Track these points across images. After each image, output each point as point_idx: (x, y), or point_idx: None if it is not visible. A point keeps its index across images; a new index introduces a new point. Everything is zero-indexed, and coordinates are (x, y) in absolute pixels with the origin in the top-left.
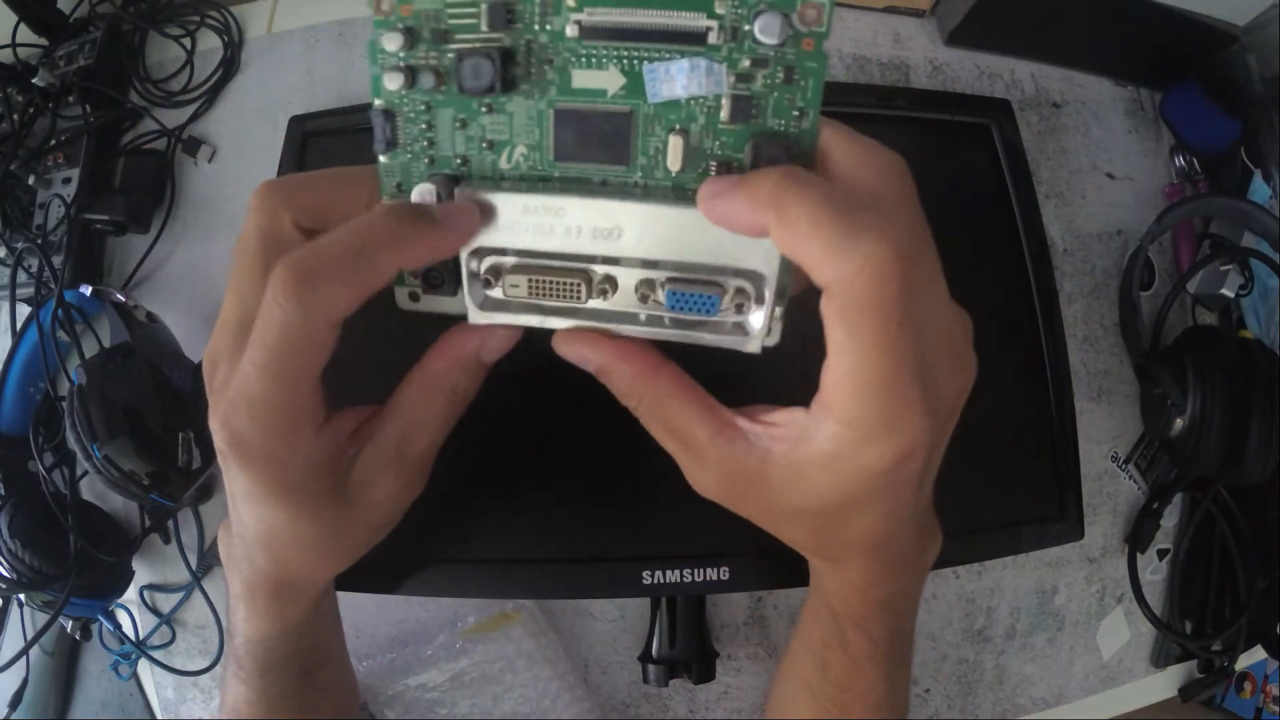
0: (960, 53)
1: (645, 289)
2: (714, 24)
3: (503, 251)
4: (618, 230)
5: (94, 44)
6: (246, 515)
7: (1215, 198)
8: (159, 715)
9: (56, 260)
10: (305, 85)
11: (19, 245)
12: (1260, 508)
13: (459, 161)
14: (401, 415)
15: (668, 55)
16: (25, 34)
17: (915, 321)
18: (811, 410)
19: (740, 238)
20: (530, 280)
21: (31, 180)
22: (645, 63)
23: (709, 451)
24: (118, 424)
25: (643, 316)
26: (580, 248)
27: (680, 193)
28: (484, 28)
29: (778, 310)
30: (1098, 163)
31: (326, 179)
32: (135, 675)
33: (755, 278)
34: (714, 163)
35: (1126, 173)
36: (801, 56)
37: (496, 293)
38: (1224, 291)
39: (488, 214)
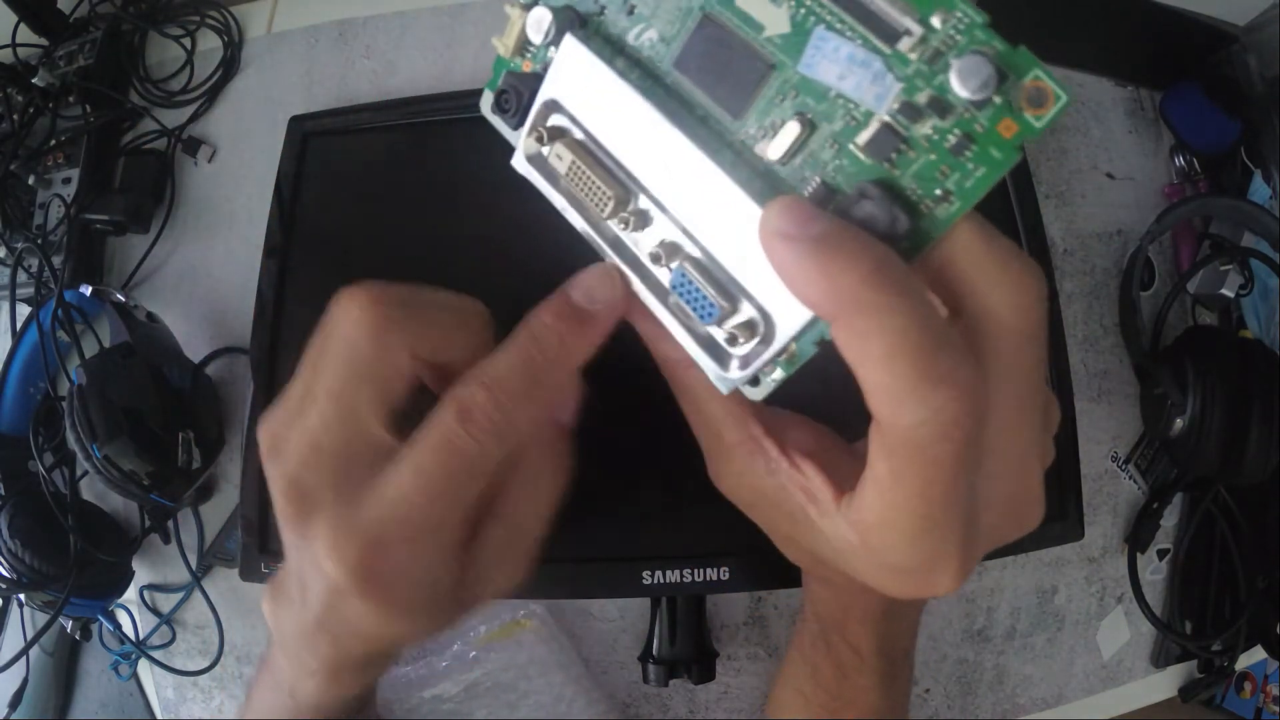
0: None
1: (662, 249)
2: (918, 30)
3: (572, 118)
4: (678, 178)
5: (94, 44)
6: (352, 624)
7: (1215, 198)
8: (159, 715)
9: (56, 260)
10: (305, 85)
11: (19, 245)
12: (1260, 508)
13: (598, 9)
14: (518, 500)
15: (849, 33)
16: (25, 34)
17: (970, 481)
18: (841, 504)
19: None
20: (573, 162)
21: (31, 180)
22: (820, 25)
23: (733, 456)
24: (118, 424)
25: (645, 272)
26: (635, 167)
27: (770, 182)
28: None
29: (777, 373)
30: (1098, 163)
31: (449, 319)
32: (135, 675)
33: (769, 323)
34: (818, 178)
35: (1126, 173)
36: (989, 137)
37: (545, 150)
38: (1224, 291)
39: (580, 76)
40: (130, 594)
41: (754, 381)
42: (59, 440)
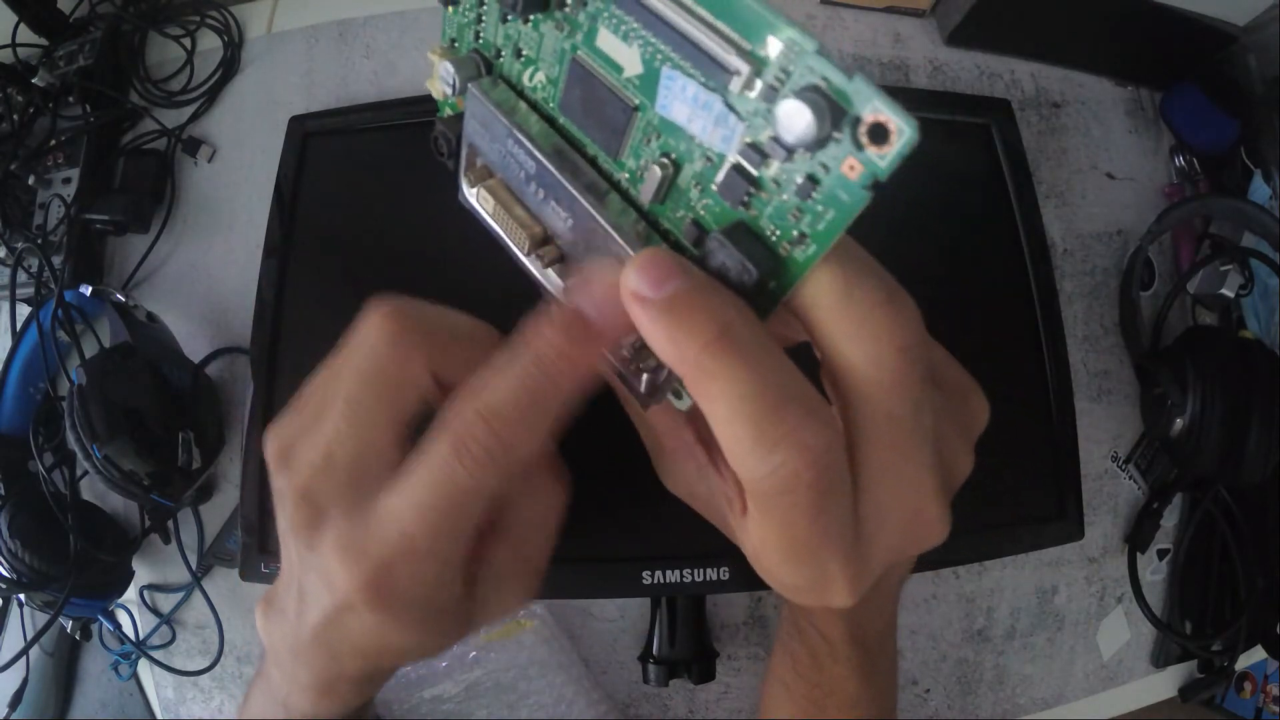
0: (960, 53)
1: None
2: (744, 67)
3: (487, 162)
4: (566, 215)
5: (94, 44)
6: (353, 636)
7: (1215, 198)
8: (159, 715)
9: (56, 260)
10: (305, 85)
11: (19, 245)
12: (1260, 508)
13: (496, 52)
14: (522, 523)
15: (693, 73)
16: (25, 34)
17: (838, 514)
18: (745, 518)
19: None
20: (495, 205)
21: (31, 180)
22: (666, 66)
23: (670, 460)
24: (118, 424)
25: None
26: (531, 204)
27: (652, 221)
28: None
29: (671, 398)
30: (1098, 163)
31: (467, 341)
32: (135, 675)
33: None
34: (690, 218)
35: (1126, 173)
36: (834, 179)
37: (474, 191)
38: (1224, 291)
39: (488, 120)
40: (130, 594)
41: (676, 394)
42: (59, 440)
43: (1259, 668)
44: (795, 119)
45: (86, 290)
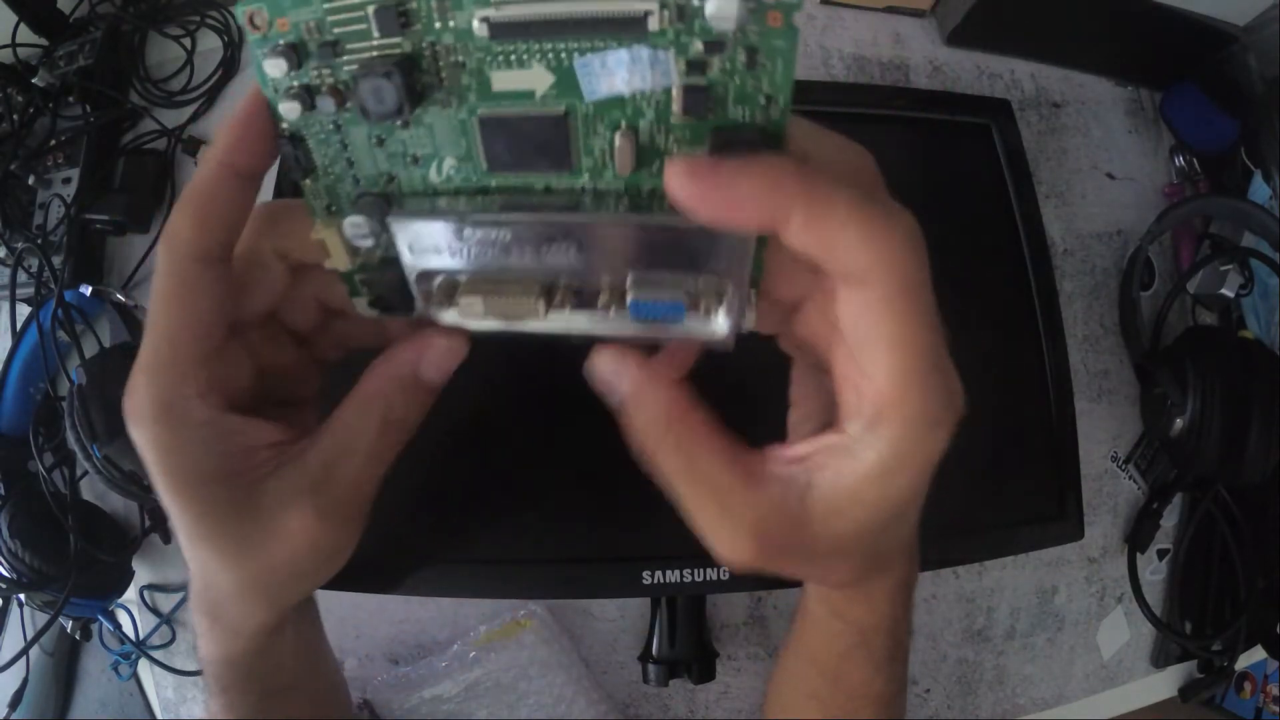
0: (960, 53)
1: (608, 295)
2: (653, 5)
3: (451, 272)
4: (567, 247)
5: (94, 44)
6: (169, 511)
7: (1215, 198)
8: (159, 715)
9: (56, 260)
10: None
11: (19, 245)
12: (1260, 508)
13: (386, 179)
14: (331, 436)
15: (602, 46)
16: (25, 34)
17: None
18: (847, 427)
19: (702, 241)
20: (486, 299)
21: (31, 180)
22: (577, 56)
23: (742, 503)
24: (118, 424)
25: (607, 323)
26: (530, 265)
27: (634, 195)
28: (376, 34)
29: (752, 294)
30: (1098, 163)
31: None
32: (135, 675)
33: (723, 272)
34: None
35: (1126, 173)
36: (767, 35)
37: (452, 314)
38: (1224, 291)
39: (426, 238)
40: (130, 594)
41: (741, 317)
42: (59, 440)
43: (1259, 668)
44: (726, 7)
45: (86, 290)
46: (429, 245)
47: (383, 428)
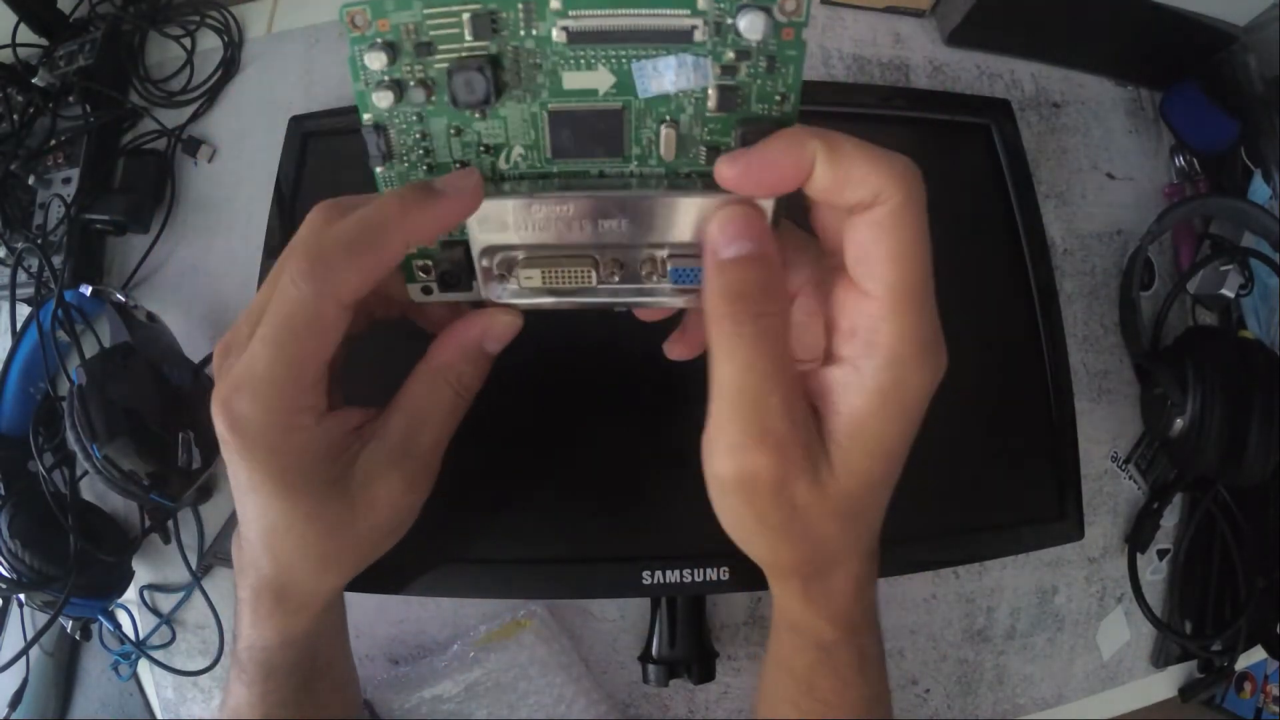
0: (960, 53)
1: (649, 266)
2: (698, 21)
3: (512, 247)
4: (619, 220)
5: (94, 44)
6: (248, 510)
7: (1215, 198)
8: (159, 715)
9: (56, 260)
10: (305, 85)
11: (19, 245)
12: (1260, 508)
13: (457, 165)
14: (406, 409)
15: (655, 53)
16: (25, 34)
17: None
18: (844, 361)
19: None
20: (544, 271)
21: (31, 180)
22: (634, 61)
23: (778, 415)
24: (118, 424)
25: (650, 288)
26: (586, 238)
27: (674, 178)
28: (468, 37)
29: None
30: (1098, 163)
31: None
32: (135, 675)
33: None
34: (704, 148)
35: (1126, 173)
36: (782, 46)
37: (512, 286)
38: (1224, 291)
39: (495, 216)
40: (130, 594)
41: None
42: (59, 440)
43: (1259, 668)
44: (755, 23)
45: (86, 290)
46: (496, 222)
47: (454, 396)
